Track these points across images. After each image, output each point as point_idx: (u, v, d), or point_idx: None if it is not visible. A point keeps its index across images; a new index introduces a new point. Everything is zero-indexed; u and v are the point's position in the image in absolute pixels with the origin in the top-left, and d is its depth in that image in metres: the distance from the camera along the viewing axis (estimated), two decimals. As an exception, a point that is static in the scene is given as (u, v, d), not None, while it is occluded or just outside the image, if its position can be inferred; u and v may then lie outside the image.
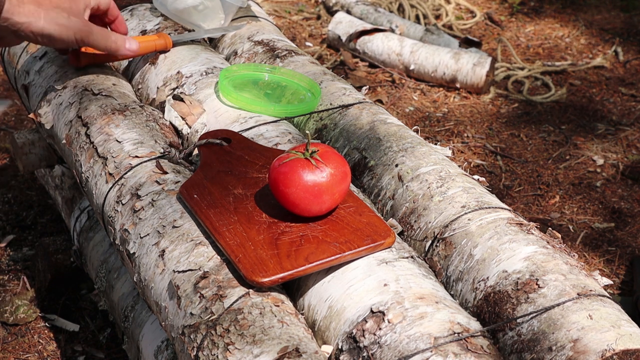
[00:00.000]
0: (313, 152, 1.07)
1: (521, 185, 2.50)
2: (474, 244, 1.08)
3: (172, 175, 1.24)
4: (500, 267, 1.04)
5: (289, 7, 3.77)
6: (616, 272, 2.12)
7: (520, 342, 0.96)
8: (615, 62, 3.28)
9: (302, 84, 1.47)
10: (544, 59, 3.32)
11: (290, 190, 1.06)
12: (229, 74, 1.45)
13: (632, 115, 2.89)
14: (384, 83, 3.09)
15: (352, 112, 1.39)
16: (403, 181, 1.22)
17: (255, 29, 1.73)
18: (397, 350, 0.92)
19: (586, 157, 2.63)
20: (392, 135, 1.31)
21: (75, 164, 1.39)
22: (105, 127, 1.36)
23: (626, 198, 2.43)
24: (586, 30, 3.55)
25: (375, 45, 3.18)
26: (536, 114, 2.91)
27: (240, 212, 1.11)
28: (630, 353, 0.89)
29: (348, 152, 1.32)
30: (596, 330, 0.92)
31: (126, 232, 1.20)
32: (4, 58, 1.84)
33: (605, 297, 0.98)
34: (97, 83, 1.50)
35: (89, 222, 1.74)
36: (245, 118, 1.36)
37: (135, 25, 1.70)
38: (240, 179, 1.18)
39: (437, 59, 3.05)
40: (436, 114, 2.89)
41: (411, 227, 1.17)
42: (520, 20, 3.68)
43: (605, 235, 2.27)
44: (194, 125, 1.39)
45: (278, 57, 1.60)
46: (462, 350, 0.91)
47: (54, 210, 2.26)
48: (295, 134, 1.34)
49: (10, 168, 2.51)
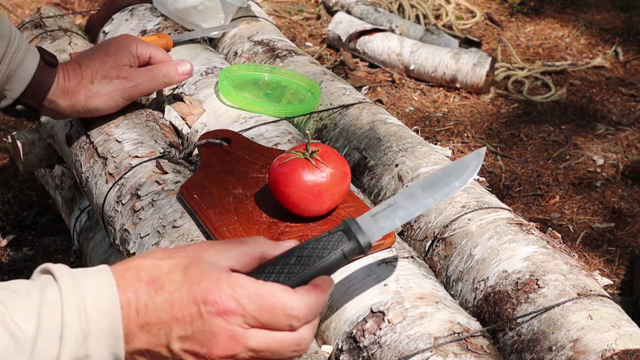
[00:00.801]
0: (313, 152, 1.07)
1: (521, 185, 2.50)
2: (474, 244, 1.08)
3: (172, 175, 1.24)
4: (500, 267, 1.04)
5: (289, 7, 3.77)
6: (616, 272, 2.12)
7: (520, 342, 0.96)
8: (615, 62, 3.28)
9: (302, 84, 1.47)
10: (544, 59, 3.32)
11: (290, 190, 1.06)
12: (229, 74, 1.45)
13: (632, 115, 2.89)
14: (384, 83, 3.09)
15: (352, 112, 1.39)
16: (403, 181, 1.22)
17: (255, 29, 1.73)
18: (397, 350, 0.92)
19: (586, 157, 2.63)
20: (392, 135, 1.31)
21: (75, 164, 1.39)
22: (105, 127, 1.36)
23: (626, 198, 2.43)
24: (586, 30, 3.55)
25: (375, 45, 3.18)
26: (536, 114, 2.91)
27: (240, 212, 1.11)
28: (630, 353, 0.89)
29: (348, 152, 1.32)
30: (596, 330, 0.92)
31: (126, 232, 1.20)
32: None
33: (605, 297, 0.98)
34: (97, 83, 1.50)
35: (89, 222, 1.74)
36: (245, 118, 1.36)
37: (135, 25, 1.70)
38: (240, 179, 1.18)
39: (437, 59, 3.05)
40: (436, 114, 2.89)
41: (411, 227, 1.17)
42: (520, 20, 3.68)
43: (605, 235, 2.27)
44: (194, 125, 1.39)
45: (278, 57, 1.60)
46: (462, 350, 0.91)
47: (54, 210, 2.26)
48: (295, 134, 1.34)
49: (10, 168, 2.51)
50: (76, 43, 1.70)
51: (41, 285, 0.72)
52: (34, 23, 1.79)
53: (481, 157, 0.92)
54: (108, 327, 0.71)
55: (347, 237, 0.85)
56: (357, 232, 0.85)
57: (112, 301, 0.72)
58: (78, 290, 0.71)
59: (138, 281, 0.74)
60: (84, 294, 0.71)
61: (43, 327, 0.69)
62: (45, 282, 0.72)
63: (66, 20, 1.86)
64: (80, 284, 0.72)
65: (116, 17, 1.76)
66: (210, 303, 0.73)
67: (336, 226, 0.86)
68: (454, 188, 0.90)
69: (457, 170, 0.91)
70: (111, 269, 0.74)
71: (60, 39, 1.71)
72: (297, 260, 0.81)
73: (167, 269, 0.75)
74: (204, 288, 0.74)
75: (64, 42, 1.70)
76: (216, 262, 0.77)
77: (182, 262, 0.76)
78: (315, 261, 0.82)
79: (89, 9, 3.67)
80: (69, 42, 1.70)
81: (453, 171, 0.91)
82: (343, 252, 0.84)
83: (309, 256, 0.82)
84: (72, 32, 1.77)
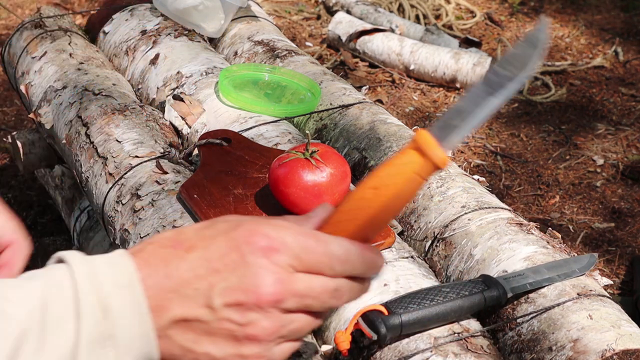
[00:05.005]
0: (313, 152, 1.07)
1: (521, 185, 2.50)
2: (474, 244, 1.08)
3: (172, 175, 1.24)
4: (500, 267, 1.04)
5: (289, 7, 3.77)
6: (616, 272, 2.12)
7: (520, 342, 0.95)
8: (615, 62, 3.28)
9: (302, 84, 1.47)
10: (544, 59, 3.32)
11: (290, 190, 1.06)
12: (229, 74, 1.45)
13: (632, 115, 2.89)
14: (384, 83, 3.08)
15: (352, 112, 1.39)
16: (403, 181, 1.22)
17: (255, 29, 1.73)
18: (397, 350, 0.91)
19: (586, 157, 2.63)
20: (392, 135, 1.31)
21: (75, 164, 1.39)
22: (105, 127, 1.36)
23: (626, 198, 2.43)
24: (586, 30, 3.55)
25: (375, 45, 3.18)
26: (536, 114, 2.91)
27: (240, 212, 1.11)
28: (630, 353, 0.89)
29: (348, 152, 1.32)
30: (596, 330, 0.92)
31: (126, 232, 1.20)
32: (4, 58, 1.84)
33: (605, 297, 0.98)
34: (97, 83, 1.50)
35: (89, 222, 1.74)
36: (245, 118, 1.36)
37: (135, 25, 1.70)
38: (240, 179, 1.18)
39: (437, 59, 3.05)
40: (436, 114, 2.89)
41: (411, 227, 1.17)
42: (520, 20, 3.68)
43: (605, 235, 2.27)
44: (194, 125, 1.39)
45: (278, 57, 1.60)
46: (462, 350, 0.91)
47: (54, 210, 2.26)
48: (295, 134, 1.34)
49: (10, 168, 2.51)
50: (76, 43, 1.70)
51: (47, 268, 0.67)
52: (34, 23, 1.79)
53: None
54: (129, 303, 0.65)
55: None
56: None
57: (130, 276, 0.66)
58: (91, 267, 0.66)
59: (162, 249, 0.68)
60: (97, 270, 0.66)
61: (51, 306, 0.63)
62: (53, 265, 0.68)
63: (66, 20, 1.86)
64: (93, 262, 0.66)
65: (116, 17, 1.76)
66: (253, 243, 0.67)
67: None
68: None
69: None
70: (128, 249, 0.69)
71: (60, 39, 1.71)
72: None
73: (193, 232, 0.70)
74: (245, 230, 0.68)
75: (64, 42, 1.70)
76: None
77: (205, 222, 0.71)
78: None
79: (89, 9, 3.67)
80: (69, 42, 1.70)
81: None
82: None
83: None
84: (72, 32, 1.77)
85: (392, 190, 0.71)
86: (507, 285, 0.95)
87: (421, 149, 0.71)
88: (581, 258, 1.02)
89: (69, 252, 0.68)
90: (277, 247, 0.68)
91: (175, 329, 0.67)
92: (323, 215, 0.75)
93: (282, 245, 0.68)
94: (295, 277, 0.68)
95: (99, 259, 0.67)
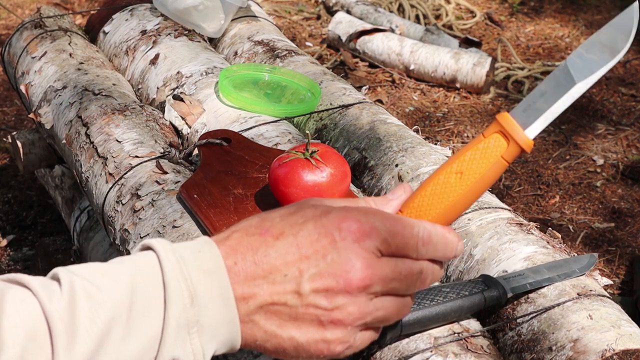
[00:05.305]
0: (313, 152, 1.07)
1: (521, 185, 2.50)
2: (474, 244, 1.08)
3: (172, 175, 1.24)
4: (500, 267, 1.03)
5: (289, 7, 3.77)
6: (616, 272, 2.12)
7: (520, 342, 0.95)
8: (615, 62, 3.28)
9: (302, 84, 1.47)
10: (544, 59, 3.32)
11: (290, 190, 1.06)
12: (229, 74, 1.45)
13: (632, 115, 2.89)
14: (384, 83, 3.09)
15: (352, 112, 1.39)
16: (403, 181, 1.22)
17: (255, 29, 1.73)
18: (397, 350, 0.91)
19: (586, 157, 2.63)
20: (392, 135, 1.31)
21: (75, 164, 1.39)
22: (105, 127, 1.36)
23: (626, 198, 2.43)
24: (586, 30, 3.55)
25: (375, 45, 3.18)
26: (536, 114, 2.91)
27: (240, 212, 1.11)
28: (630, 353, 0.89)
29: (348, 152, 1.32)
30: (596, 330, 0.92)
31: (126, 232, 1.20)
32: (4, 58, 1.84)
33: (605, 297, 0.98)
34: (97, 83, 1.50)
35: (89, 222, 1.74)
36: (245, 118, 1.36)
37: (135, 25, 1.70)
38: (240, 179, 1.18)
39: (437, 59, 3.05)
40: (436, 114, 2.89)
41: (411, 227, 1.17)
42: (520, 20, 3.68)
43: (605, 235, 2.27)
44: (194, 125, 1.39)
45: (278, 57, 1.60)
46: (462, 350, 0.91)
47: (54, 210, 2.26)
48: (295, 134, 1.34)
49: (10, 168, 2.51)
50: (76, 43, 1.70)
51: (135, 255, 0.67)
52: (34, 23, 1.79)
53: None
54: (216, 288, 0.66)
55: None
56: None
57: (217, 263, 0.66)
58: (178, 255, 0.66)
59: (249, 236, 0.68)
60: (185, 258, 0.66)
61: (139, 293, 0.64)
62: (140, 252, 0.68)
63: (66, 20, 1.86)
64: (180, 250, 0.67)
65: (116, 17, 1.76)
66: (345, 229, 0.67)
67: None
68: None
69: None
70: (214, 237, 0.69)
71: (60, 39, 1.71)
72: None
73: (279, 218, 0.69)
74: (335, 216, 0.68)
75: (64, 42, 1.70)
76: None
77: (291, 208, 0.71)
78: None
79: (89, 9, 3.67)
80: (69, 42, 1.70)
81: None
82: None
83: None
84: (72, 32, 1.77)
85: (477, 175, 0.71)
86: (507, 285, 0.95)
87: (507, 133, 0.70)
88: (581, 258, 1.02)
89: (156, 240, 0.68)
90: (367, 232, 0.68)
91: (260, 315, 0.68)
92: (403, 198, 0.75)
93: (372, 230, 0.68)
94: (382, 261, 0.68)
95: (185, 247, 0.68)
